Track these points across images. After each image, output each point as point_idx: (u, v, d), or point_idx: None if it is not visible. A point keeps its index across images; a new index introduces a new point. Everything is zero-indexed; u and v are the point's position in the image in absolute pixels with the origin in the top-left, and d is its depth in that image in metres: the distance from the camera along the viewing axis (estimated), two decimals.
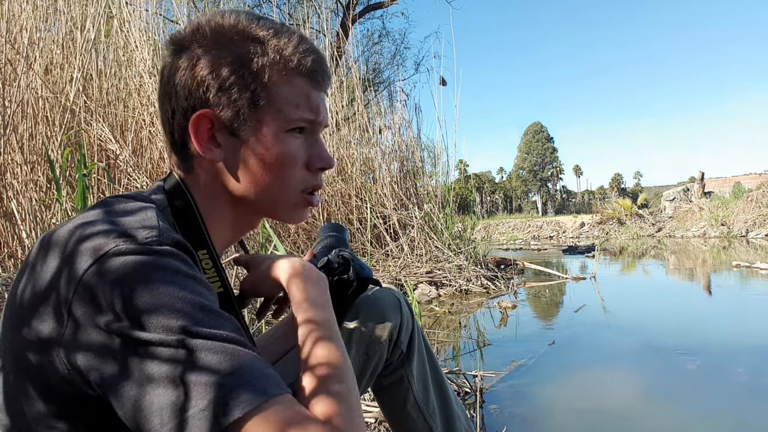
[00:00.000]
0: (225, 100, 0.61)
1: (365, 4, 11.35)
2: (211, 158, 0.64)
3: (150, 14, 3.49)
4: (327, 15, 5.47)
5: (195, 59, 0.61)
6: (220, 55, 0.61)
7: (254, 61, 0.62)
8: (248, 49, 0.62)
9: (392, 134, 5.47)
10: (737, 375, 2.11)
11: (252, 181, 0.64)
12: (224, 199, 0.66)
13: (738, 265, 6.02)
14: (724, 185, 17.94)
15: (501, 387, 1.99)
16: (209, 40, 0.62)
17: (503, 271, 5.58)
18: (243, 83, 0.61)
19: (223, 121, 0.62)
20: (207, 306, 0.49)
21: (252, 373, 0.46)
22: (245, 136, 0.63)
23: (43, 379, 0.50)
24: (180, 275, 0.49)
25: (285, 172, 0.65)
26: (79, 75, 2.75)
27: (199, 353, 0.45)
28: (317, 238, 1.00)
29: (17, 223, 2.47)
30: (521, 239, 15.52)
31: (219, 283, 0.63)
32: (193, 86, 0.62)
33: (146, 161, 3.00)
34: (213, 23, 0.63)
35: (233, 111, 0.62)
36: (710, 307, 3.88)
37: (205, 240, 0.63)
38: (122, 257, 0.48)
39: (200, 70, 0.61)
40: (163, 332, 0.45)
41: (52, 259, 0.50)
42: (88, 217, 0.53)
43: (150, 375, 0.45)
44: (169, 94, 0.63)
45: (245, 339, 0.50)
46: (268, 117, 0.63)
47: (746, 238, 11.53)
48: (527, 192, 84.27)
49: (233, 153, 0.63)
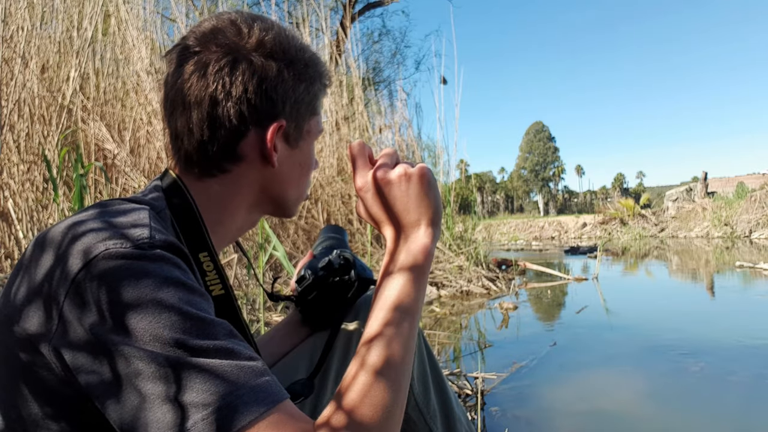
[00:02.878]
0: (295, 113, 0.66)
1: (365, 2, 11.33)
2: (274, 166, 0.66)
3: (148, 12, 3.48)
4: (326, 13, 5.45)
5: (276, 70, 0.63)
6: (300, 69, 0.65)
7: (314, 77, 0.67)
8: (307, 63, 0.67)
9: (392, 134, 5.46)
10: (741, 376, 2.09)
11: (293, 185, 0.70)
12: (245, 203, 0.68)
13: (741, 266, 5.98)
14: (727, 185, 17.90)
15: (502, 389, 1.96)
16: (285, 52, 0.64)
17: (504, 271, 5.55)
18: (308, 98, 0.67)
19: (287, 131, 0.66)
20: (195, 315, 0.48)
21: (243, 387, 0.45)
22: (296, 144, 0.68)
23: (37, 379, 0.50)
24: (170, 283, 0.48)
25: (308, 174, 0.72)
26: (76, 74, 2.73)
27: (188, 367, 0.45)
28: (317, 239, 1.02)
29: (14, 223, 2.46)
30: (523, 240, 15.50)
31: (220, 285, 0.63)
32: (260, 96, 0.62)
33: (144, 161, 2.98)
34: (271, 34, 0.64)
35: (297, 122, 0.67)
36: (713, 309, 3.85)
37: (206, 242, 0.63)
38: (113, 261, 0.47)
39: (286, 82, 0.64)
40: (151, 344, 0.45)
41: (45, 259, 0.50)
42: (81, 217, 0.53)
43: (139, 389, 0.44)
44: (214, 101, 0.61)
45: (238, 344, 0.49)
46: (312, 126, 0.69)
47: (750, 239, 11.49)
48: (529, 192, 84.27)
49: (284, 160, 0.67)
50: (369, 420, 0.49)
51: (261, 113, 0.63)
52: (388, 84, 9.60)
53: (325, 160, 4.51)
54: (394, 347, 0.53)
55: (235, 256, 2.74)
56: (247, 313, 2.44)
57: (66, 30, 2.84)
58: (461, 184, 6.59)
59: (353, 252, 0.94)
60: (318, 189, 4.29)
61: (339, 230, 1.01)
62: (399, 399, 0.52)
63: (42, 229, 2.51)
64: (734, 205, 13.73)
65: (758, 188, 13.77)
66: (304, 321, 0.93)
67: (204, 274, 0.62)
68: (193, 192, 0.65)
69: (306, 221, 4.17)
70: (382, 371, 0.51)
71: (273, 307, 2.70)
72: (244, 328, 0.64)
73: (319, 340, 0.89)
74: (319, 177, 4.33)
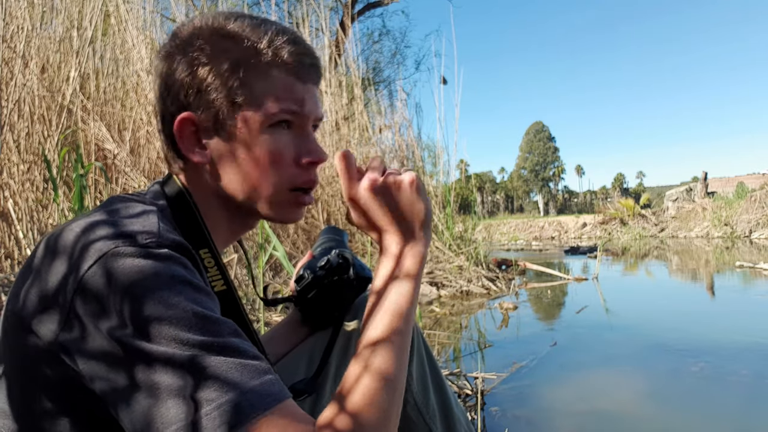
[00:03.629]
0: (204, 102, 0.61)
1: (365, 2, 11.33)
2: (198, 161, 0.63)
3: (147, 12, 3.48)
4: (326, 13, 5.46)
5: (175, 63, 0.62)
6: (195, 57, 0.61)
7: (228, 59, 0.61)
8: (221, 47, 0.61)
9: (392, 134, 5.46)
10: (741, 376, 2.09)
11: (240, 182, 0.64)
12: (218, 200, 0.66)
13: (741, 266, 5.98)
14: (727, 185, 17.90)
15: (502, 389, 1.96)
16: (186, 43, 0.62)
17: (504, 271, 5.55)
18: (219, 82, 0.61)
19: (205, 123, 0.62)
20: (202, 313, 0.48)
21: (247, 385, 0.46)
22: (229, 135, 0.62)
23: (47, 377, 0.50)
24: (177, 281, 0.49)
25: (271, 169, 0.63)
26: (76, 74, 2.73)
27: (194, 364, 0.46)
28: (317, 240, 1.02)
29: (14, 223, 2.46)
30: (523, 240, 15.49)
31: (222, 281, 0.63)
32: (174, 90, 0.62)
33: (144, 161, 2.98)
34: (189, 26, 0.63)
35: (213, 112, 0.62)
36: (713, 308, 3.85)
37: (206, 239, 0.63)
38: (122, 259, 0.48)
39: (179, 74, 0.62)
40: (158, 342, 0.46)
41: (58, 262, 0.51)
42: (91, 218, 0.54)
43: (146, 385, 0.45)
44: (161, 99, 0.64)
45: (243, 342, 0.50)
46: (249, 113, 0.61)
47: (749, 239, 11.49)
48: (529, 192, 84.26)
49: (220, 154, 0.63)
50: (371, 422, 0.50)
51: (169, 107, 0.63)
52: (388, 84, 9.60)
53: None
54: (397, 352, 0.55)
55: (235, 255, 2.74)
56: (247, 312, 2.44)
57: (66, 30, 2.84)
58: (461, 184, 6.58)
59: (353, 252, 0.94)
60: (318, 189, 4.30)
61: (339, 232, 1.02)
62: (399, 402, 0.54)
63: (42, 229, 2.51)
64: (734, 205, 13.73)
65: (758, 188, 13.77)
66: (303, 321, 0.93)
67: (206, 271, 0.62)
68: (189, 189, 0.65)
69: (306, 221, 4.17)
70: (386, 376, 0.53)
71: (273, 307, 2.71)
72: (247, 323, 0.65)
73: (319, 340, 0.89)
74: (319, 177, 4.33)
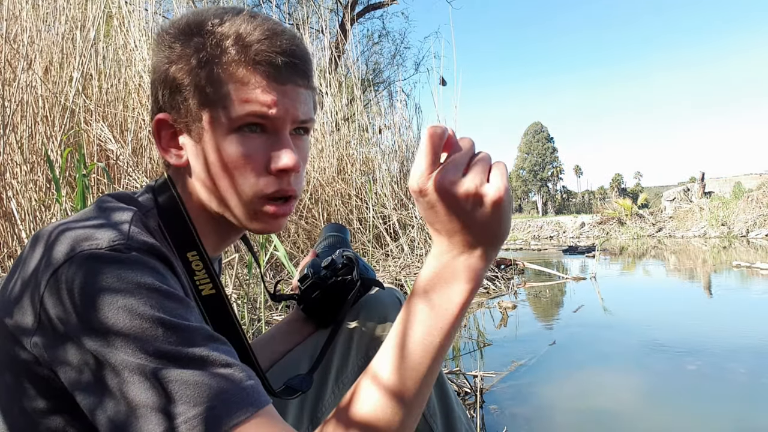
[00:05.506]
0: (177, 103, 0.59)
1: (365, 4, 11.32)
2: (175, 163, 0.62)
3: (150, 14, 3.49)
4: (326, 15, 5.47)
5: (156, 61, 0.61)
6: (168, 56, 0.59)
7: (197, 56, 0.57)
8: (193, 44, 0.58)
9: (392, 134, 5.47)
10: (738, 375, 2.11)
11: (208, 186, 0.60)
12: (200, 203, 0.64)
13: (738, 265, 6.01)
14: (724, 185, 17.91)
15: (501, 387, 1.98)
16: (165, 44, 0.60)
17: (503, 271, 5.57)
18: (188, 80, 0.58)
19: (179, 123, 0.60)
20: (168, 322, 0.47)
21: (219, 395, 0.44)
22: (198, 137, 0.59)
23: (31, 373, 0.50)
24: (143, 287, 0.47)
25: (237, 175, 0.58)
26: (79, 75, 2.74)
27: (153, 376, 0.44)
28: (319, 237, 1.02)
29: (17, 223, 2.47)
30: (521, 239, 15.51)
31: (210, 285, 0.61)
32: (154, 89, 0.62)
33: (146, 161, 2.99)
34: (167, 25, 0.61)
35: (184, 112, 0.59)
36: (710, 308, 3.88)
37: (194, 240, 0.61)
38: (87, 262, 0.48)
39: (157, 73, 0.61)
40: (117, 350, 0.45)
41: (34, 256, 0.51)
42: (73, 216, 0.55)
43: (103, 393, 0.45)
44: (150, 98, 0.65)
45: (216, 348, 0.48)
46: (215, 115, 0.58)
47: (747, 238, 11.52)
48: (527, 192, 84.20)
49: (194, 157, 0.61)
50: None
51: (152, 107, 0.63)
52: (387, 85, 9.59)
53: (325, 161, 4.52)
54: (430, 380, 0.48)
55: (236, 255, 2.75)
56: (248, 312, 2.46)
57: (69, 31, 2.85)
58: None
59: (355, 251, 0.95)
60: (318, 189, 4.31)
61: (341, 228, 1.02)
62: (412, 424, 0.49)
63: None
64: (731, 204, 13.77)
65: (755, 188, 13.82)
66: (305, 320, 0.93)
67: (192, 274, 0.60)
68: (179, 190, 0.64)
69: (307, 221, 4.18)
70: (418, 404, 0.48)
71: (273, 307, 2.72)
72: (237, 329, 0.63)
73: (320, 339, 0.89)
74: (320, 177, 4.34)
